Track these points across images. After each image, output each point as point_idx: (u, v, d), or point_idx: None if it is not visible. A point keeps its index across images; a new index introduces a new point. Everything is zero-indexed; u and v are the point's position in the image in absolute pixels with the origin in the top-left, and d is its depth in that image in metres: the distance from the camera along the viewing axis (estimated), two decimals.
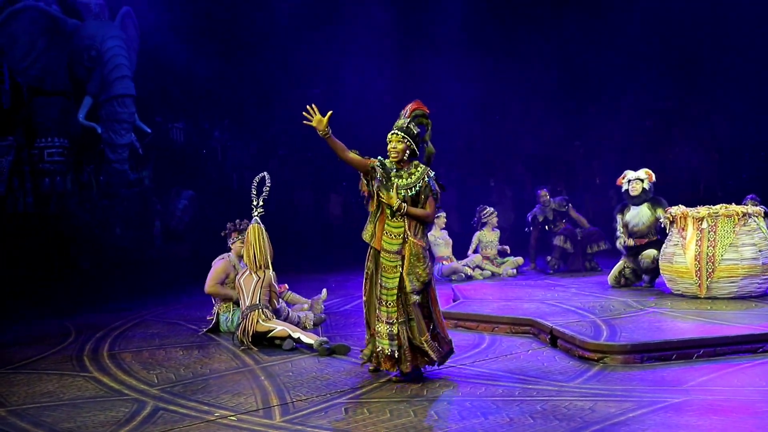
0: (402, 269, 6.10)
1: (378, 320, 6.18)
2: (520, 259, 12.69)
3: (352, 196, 17.24)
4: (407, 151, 6.14)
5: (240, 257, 8.67)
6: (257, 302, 7.80)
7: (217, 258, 8.75)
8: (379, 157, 6.23)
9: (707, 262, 8.90)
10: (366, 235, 6.25)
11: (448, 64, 17.17)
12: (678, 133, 17.09)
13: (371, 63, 16.57)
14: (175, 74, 15.93)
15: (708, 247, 8.94)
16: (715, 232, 8.96)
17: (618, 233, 10.47)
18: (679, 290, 9.29)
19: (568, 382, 6.10)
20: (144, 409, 5.66)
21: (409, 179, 6.17)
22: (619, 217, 10.47)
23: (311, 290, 10.58)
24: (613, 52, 16.49)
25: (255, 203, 8.26)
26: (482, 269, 12.40)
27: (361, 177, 6.21)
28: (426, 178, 6.18)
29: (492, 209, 12.95)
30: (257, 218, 8.15)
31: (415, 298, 6.11)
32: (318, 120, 5.95)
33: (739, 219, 8.95)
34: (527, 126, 18.67)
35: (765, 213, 9.35)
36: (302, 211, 18.32)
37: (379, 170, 6.13)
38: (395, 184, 6.13)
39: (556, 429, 4.95)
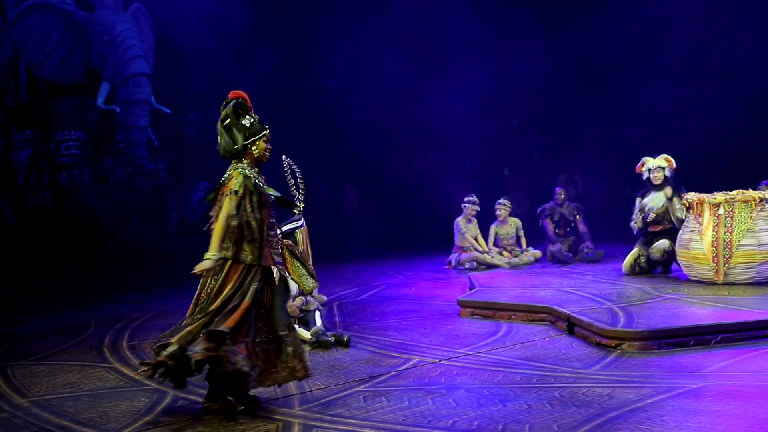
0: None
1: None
2: (538, 253, 12.23)
3: (367, 186, 17.22)
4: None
5: None
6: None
7: None
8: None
9: (724, 248, 8.87)
10: (250, 257, 5.38)
11: (462, 52, 17.11)
12: (695, 120, 17.01)
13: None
14: (189, 67, 15.96)
15: (725, 233, 8.90)
16: (731, 218, 8.92)
17: (634, 215, 10.39)
18: (696, 276, 9.26)
19: (585, 369, 6.11)
20: (164, 399, 5.71)
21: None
22: (638, 201, 10.39)
23: (327, 280, 10.64)
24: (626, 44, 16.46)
25: (297, 196, 7.61)
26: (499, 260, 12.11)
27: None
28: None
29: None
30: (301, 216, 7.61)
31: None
32: None
33: (756, 204, 8.91)
34: (545, 114, 18.57)
35: None
36: (317, 201, 18.34)
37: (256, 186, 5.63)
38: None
39: (574, 416, 4.96)
